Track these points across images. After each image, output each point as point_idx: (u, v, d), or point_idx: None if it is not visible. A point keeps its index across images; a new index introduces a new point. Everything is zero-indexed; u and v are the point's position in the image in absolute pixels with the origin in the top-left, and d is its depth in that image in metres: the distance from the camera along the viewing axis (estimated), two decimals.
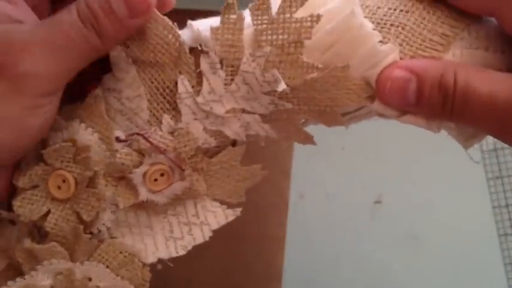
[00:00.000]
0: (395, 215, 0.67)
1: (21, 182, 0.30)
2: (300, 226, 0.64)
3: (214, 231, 0.32)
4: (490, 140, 0.48)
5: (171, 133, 0.30)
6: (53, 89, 0.29)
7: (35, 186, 0.30)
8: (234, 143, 0.32)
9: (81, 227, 0.30)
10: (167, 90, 0.30)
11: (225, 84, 0.30)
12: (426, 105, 0.28)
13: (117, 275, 0.30)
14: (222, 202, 0.33)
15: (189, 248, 0.32)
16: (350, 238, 0.67)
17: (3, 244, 0.31)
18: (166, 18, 0.30)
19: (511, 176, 0.48)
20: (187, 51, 0.30)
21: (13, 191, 0.31)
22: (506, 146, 0.48)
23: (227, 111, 0.30)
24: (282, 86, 0.28)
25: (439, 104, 0.28)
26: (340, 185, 0.67)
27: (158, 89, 0.30)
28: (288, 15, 0.28)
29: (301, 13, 0.28)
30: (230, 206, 0.33)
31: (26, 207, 0.30)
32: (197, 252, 0.32)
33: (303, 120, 0.31)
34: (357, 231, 0.67)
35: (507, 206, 0.48)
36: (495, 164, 0.48)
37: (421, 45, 0.29)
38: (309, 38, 0.28)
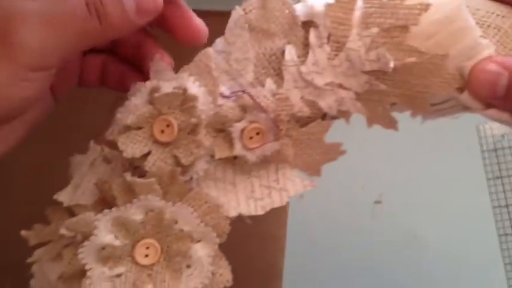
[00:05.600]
0: (395, 214, 0.67)
1: (130, 120, 0.31)
2: (300, 226, 0.63)
3: None
4: (490, 140, 0.48)
5: (272, 96, 0.31)
6: (44, 64, 0.28)
7: (139, 128, 0.31)
8: (323, 117, 0.33)
9: (179, 169, 0.31)
10: (273, 57, 0.32)
11: (329, 59, 0.31)
12: None
13: (202, 222, 0.31)
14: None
15: (267, 209, 0.33)
16: (350, 238, 0.66)
17: (96, 179, 0.32)
18: None
19: (511, 176, 0.48)
20: (299, 24, 0.31)
21: None
22: (506, 145, 0.48)
23: (326, 84, 0.32)
24: (391, 65, 0.30)
25: None
26: (340, 185, 0.67)
27: (265, 55, 0.32)
28: (398, 1, 0.30)
29: (410, 1, 0.30)
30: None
31: (129, 145, 0.31)
32: None
33: (389, 106, 0.33)
34: (357, 231, 0.66)
35: (507, 206, 0.48)
36: (495, 164, 0.48)
37: None
38: (416, 24, 0.30)
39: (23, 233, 0.33)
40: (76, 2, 0.28)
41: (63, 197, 0.33)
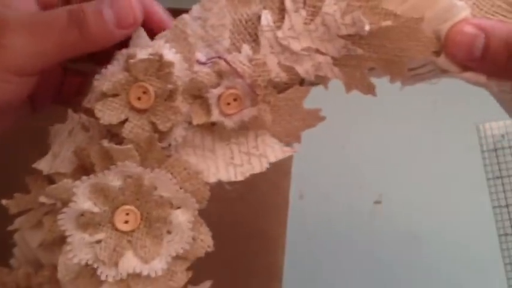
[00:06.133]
0: (395, 215, 0.66)
1: (106, 87, 0.31)
2: (300, 226, 0.63)
3: (214, 231, 0.33)
4: (490, 140, 0.48)
5: (249, 62, 0.31)
6: (24, 70, 0.30)
7: (115, 95, 0.31)
8: (301, 83, 0.33)
9: (156, 135, 0.31)
10: (249, 23, 0.32)
11: (305, 23, 0.31)
12: (490, 61, 0.30)
13: (181, 188, 0.31)
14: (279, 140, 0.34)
15: (247, 175, 0.33)
16: (350, 238, 0.66)
17: (75, 147, 0.33)
18: None
19: (511, 176, 0.48)
20: None
21: None
22: (506, 145, 0.48)
23: (303, 49, 0.31)
24: (366, 28, 0.30)
25: (503, 61, 0.29)
26: (340, 185, 0.66)
27: (241, 21, 0.32)
28: None
29: None
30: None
31: (106, 112, 0.31)
32: None
33: (367, 71, 0.33)
34: (357, 231, 0.66)
35: (507, 206, 0.48)
36: (495, 164, 0.48)
37: (489, 9, 0.31)
38: None
39: (4, 202, 0.34)
40: (58, 11, 0.30)
41: (43, 165, 0.33)
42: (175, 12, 0.33)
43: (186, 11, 0.33)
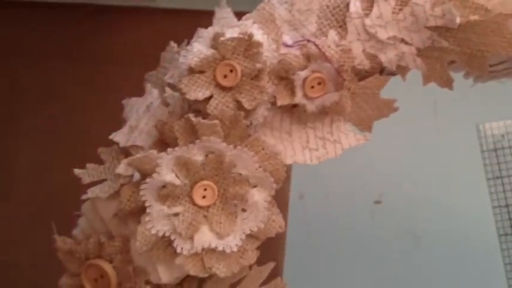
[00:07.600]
0: (395, 214, 0.67)
1: (194, 63, 0.31)
2: (300, 226, 0.63)
3: None
4: (490, 140, 0.49)
5: (336, 47, 0.32)
6: None
7: (202, 71, 0.32)
8: (381, 72, 0.34)
9: (242, 113, 0.31)
10: (337, 9, 0.33)
11: (393, 13, 0.32)
12: None
13: (260, 167, 0.32)
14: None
15: (322, 160, 0.34)
16: (350, 238, 0.67)
17: (154, 121, 0.33)
18: None
19: (511, 176, 0.49)
20: None
21: None
22: (506, 145, 0.48)
23: (389, 38, 0.32)
24: (457, 21, 0.30)
25: None
26: (340, 185, 0.67)
27: (328, 7, 0.33)
28: None
29: None
30: None
31: (192, 88, 0.31)
32: None
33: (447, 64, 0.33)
34: (357, 231, 0.67)
35: (507, 206, 0.49)
36: (495, 164, 0.49)
37: None
38: None
39: (76, 171, 0.34)
40: None
41: (119, 137, 0.34)
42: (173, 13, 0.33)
43: (187, 10, 0.33)
